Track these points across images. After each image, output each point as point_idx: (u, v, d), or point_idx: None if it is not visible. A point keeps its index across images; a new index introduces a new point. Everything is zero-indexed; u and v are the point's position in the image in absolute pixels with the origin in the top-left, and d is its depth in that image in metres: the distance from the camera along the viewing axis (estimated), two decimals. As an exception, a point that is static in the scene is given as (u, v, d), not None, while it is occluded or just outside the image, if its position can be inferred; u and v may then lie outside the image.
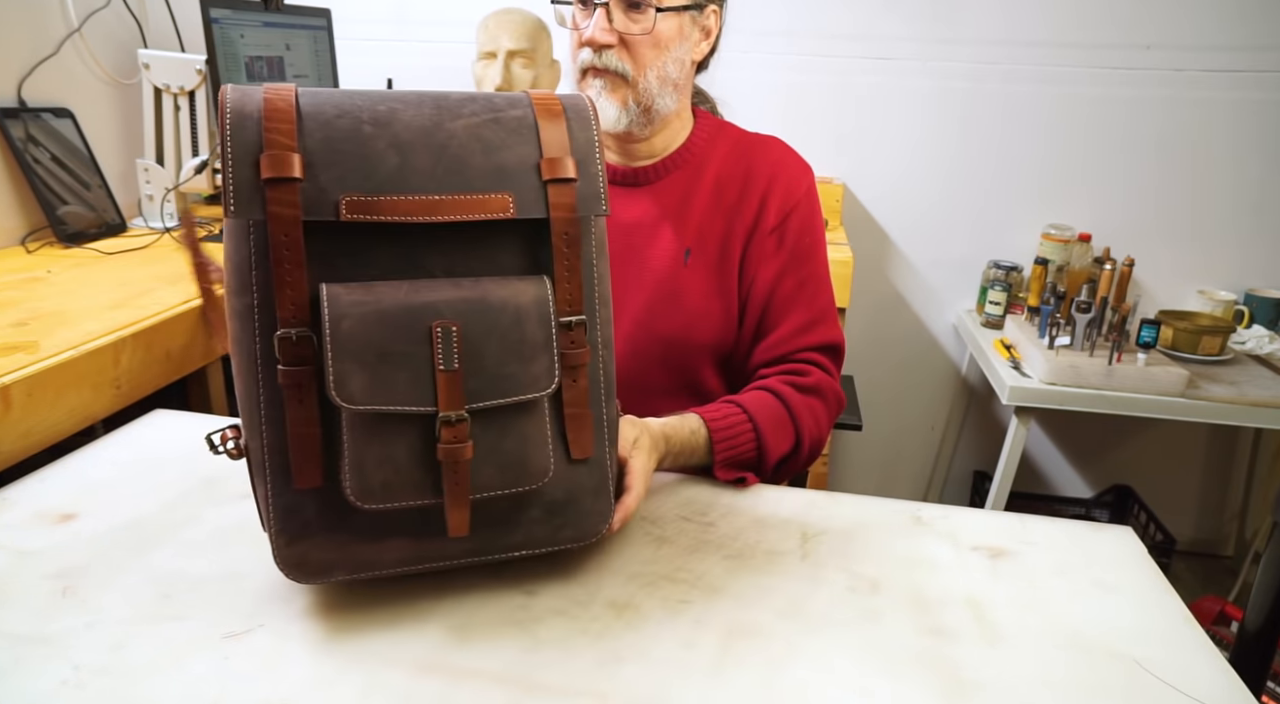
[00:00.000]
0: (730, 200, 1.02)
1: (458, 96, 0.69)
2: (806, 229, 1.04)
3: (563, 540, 0.72)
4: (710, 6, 0.99)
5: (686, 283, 1.01)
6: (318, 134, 0.63)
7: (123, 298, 1.29)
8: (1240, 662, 1.21)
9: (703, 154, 1.04)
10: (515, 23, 1.76)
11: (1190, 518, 2.39)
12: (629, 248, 1.03)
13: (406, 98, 0.68)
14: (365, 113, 0.65)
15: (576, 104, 0.72)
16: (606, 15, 0.94)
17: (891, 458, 2.48)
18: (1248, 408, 1.76)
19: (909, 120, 2.20)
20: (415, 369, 0.62)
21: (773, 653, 0.65)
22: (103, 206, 1.71)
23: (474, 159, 0.66)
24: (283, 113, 0.63)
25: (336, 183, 0.63)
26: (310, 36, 1.94)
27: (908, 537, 0.83)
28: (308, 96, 0.65)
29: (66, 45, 1.73)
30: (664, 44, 0.96)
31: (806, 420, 0.97)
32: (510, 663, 0.63)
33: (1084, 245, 2.13)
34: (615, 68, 0.95)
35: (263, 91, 0.64)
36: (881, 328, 2.36)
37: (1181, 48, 2.05)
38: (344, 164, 0.63)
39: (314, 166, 0.63)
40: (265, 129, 0.62)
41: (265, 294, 0.62)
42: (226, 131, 0.62)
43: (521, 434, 0.67)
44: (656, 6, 0.94)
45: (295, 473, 0.63)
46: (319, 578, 0.65)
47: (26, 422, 0.99)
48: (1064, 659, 0.67)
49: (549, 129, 0.69)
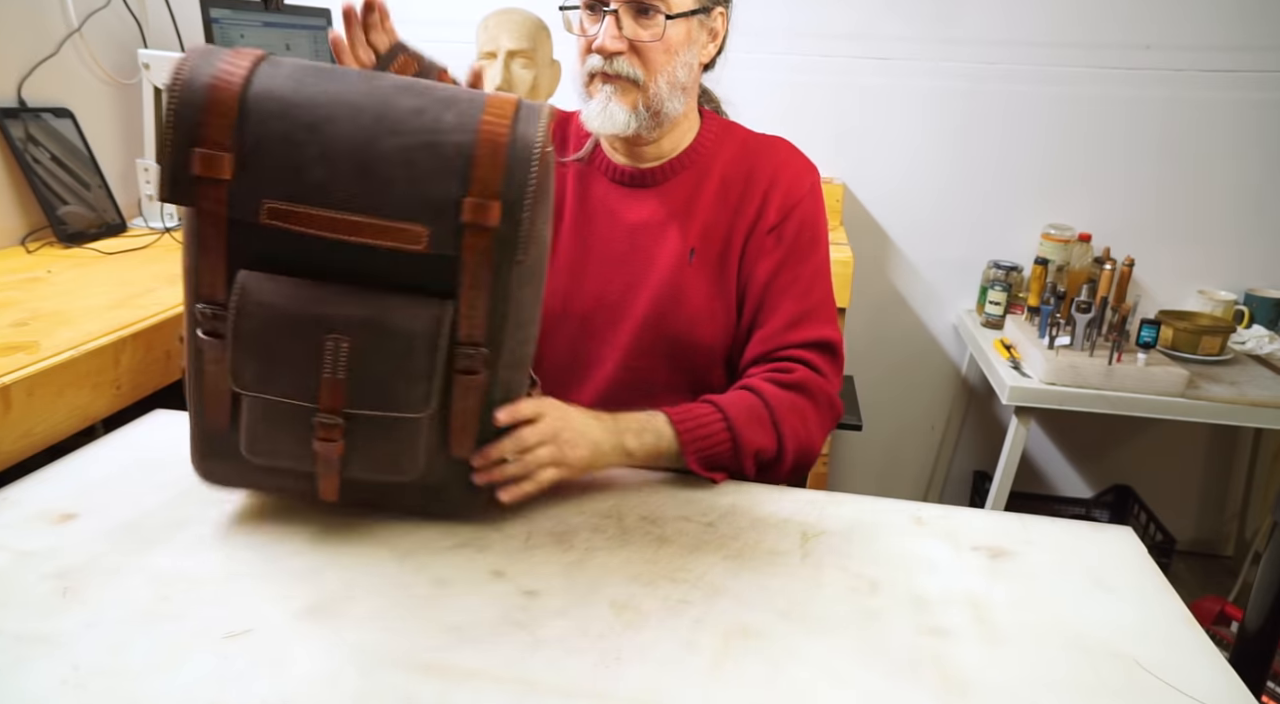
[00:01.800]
0: (733, 200, 1.02)
1: (408, 105, 0.67)
2: (806, 226, 1.03)
3: (432, 514, 0.79)
4: (717, 9, 0.99)
5: (691, 283, 1.01)
6: (253, 132, 0.65)
7: (123, 298, 1.29)
8: (1240, 662, 1.21)
9: (709, 155, 1.04)
10: (515, 23, 1.76)
11: (1190, 518, 2.39)
12: (635, 248, 1.03)
13: (354, 96, 0.67)
14: (305, 114, 0.65)
15: (526, 139, 0.68)
16: (616, 22, 0.93)
17: (891, 458, 2.48)
18: (1248, 408, 1.76)
19: (909, 120, 2.20)
20: (303, 369, 0.68)
21: (773, 653, 0.65)
22: (103, 206, 1.71)
23: (398, 185, 0.66)
24: (225, 106, 0.64)
25: (262, 186, 0.66)
26: (310, 36, 1.94)
27: (908, 537, 0.83)
28: (262, 77, 0.66)
29: (66, 45, 1.73)
30: (673, 49, 0.96)
31: (788, 418, 0.94)
32: (510, 663, 0.63)
33: (1084, 245, 2.13)
34: (626, 73, 0.95)
35: (215, 70, 0.65)
36: (881, 328, 2.36)
37: (1181, 48, 2.05)
38: (272, 168, 0.65)
39: (244, 167, 0.65)
40: (203, 122, 0.64)
41: (195, 263, 0.69)
42: (172, 109, 0.64)
43: (396, 440, 0.72)
44: (666, 13, 0.93)
45: (208, 415, 0.74)
46: (223, 486, 0.80)
47: (26, 422, 0.99)
48: (1064, 659, 0.67)
49: (484, 166, 0.67)
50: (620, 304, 1.03)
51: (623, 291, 1.03)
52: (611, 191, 1.05)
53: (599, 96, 0.97)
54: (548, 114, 0.70)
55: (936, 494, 2.46)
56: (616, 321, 1.03)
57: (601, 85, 0.96)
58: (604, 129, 0.97)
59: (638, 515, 0.84)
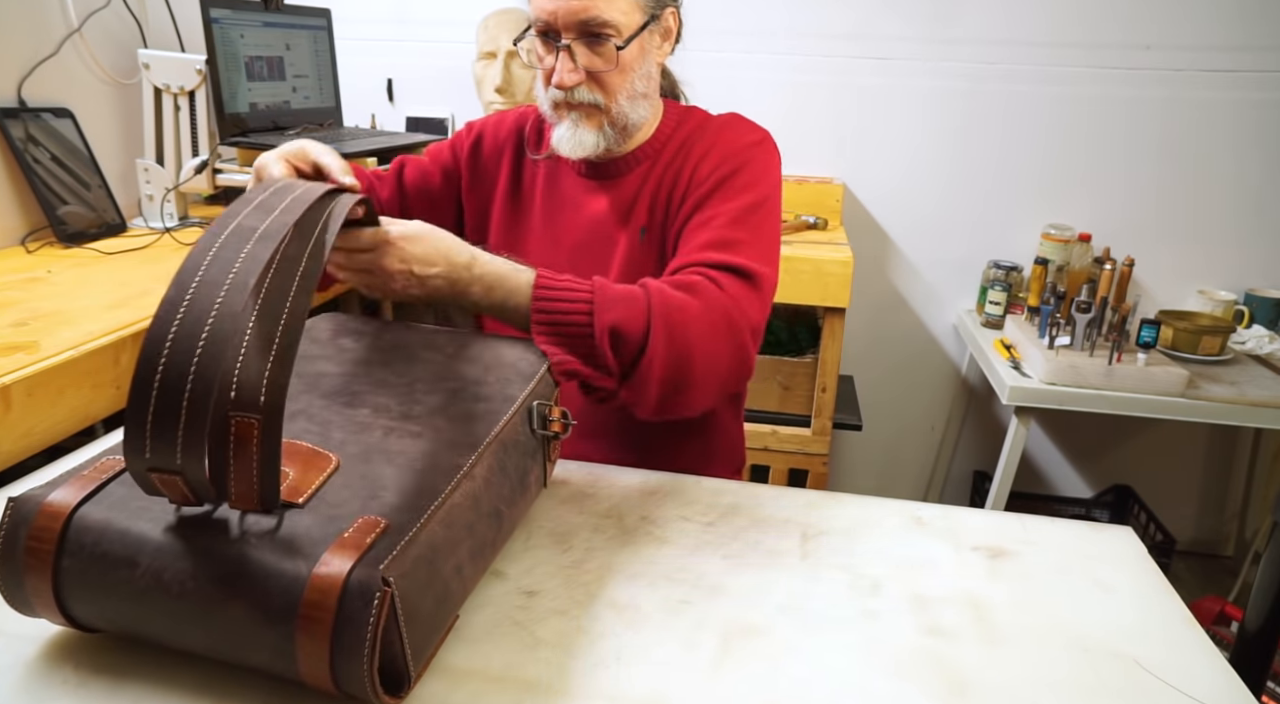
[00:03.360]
0: (674, 170, 1.03)
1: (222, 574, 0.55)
2: (738, 174, 0.98)
3: None
4: (667, 10, 0.99)
5: (642, 261, 1.03)
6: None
7: (123, 298, 1.29)
8: (1240, 662, 1.21)
9: (666, 141, 1.05)
10: (515, 23, 1.76)
11: (1190, 518, 2.39)
12: (596, 237, 1.04)
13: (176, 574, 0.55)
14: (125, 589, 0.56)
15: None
16: (570, 56, 0.94)
17: (891, 458, 2.48)
18: (1248, 408, 1.76)
19: (909, 120, 2.20)
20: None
21: (773, 653, 0.65)
22: (103, 206, 1.71)
23: None
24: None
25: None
26: (310, 36, 1.94)
27: (908, 537, 0.83)
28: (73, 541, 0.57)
29: (66, 45, 1.73)
30: (629, 67, 0.96)
31: (662, 308, 0.83)
32: (510, 663, 0.63)
33: (1084, 245, 2.13)
34: (587, 101, 0.96)
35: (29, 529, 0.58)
36: (881, 328, 2.36)
37: (1181, 48, 2.05)
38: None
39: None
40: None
41: None
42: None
43: None
44: (618, 44, 0.93)
45: None
46: None
47: (26, 422, 0.99)
48: (1064, 659, 0.67)
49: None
50: None
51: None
52: (576, 184, 1.07)
53: (566, 122, 0.98)
54: None
55: (936, 494, 2.46)
56: None
57: (566, 113, 0.98)
58: (575, 154, 0.99)
59: (638, 515, 0.84)
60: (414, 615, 0.56)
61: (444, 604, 0.61)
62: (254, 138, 1.69)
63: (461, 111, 2.30)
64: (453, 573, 0.62)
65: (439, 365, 0.79)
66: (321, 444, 0.65)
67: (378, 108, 2.32)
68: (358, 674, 0.53)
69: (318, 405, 0.71)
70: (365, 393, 0.73)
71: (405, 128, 2.32)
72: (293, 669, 0.54)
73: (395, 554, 0.55)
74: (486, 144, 1.12)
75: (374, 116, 2.26)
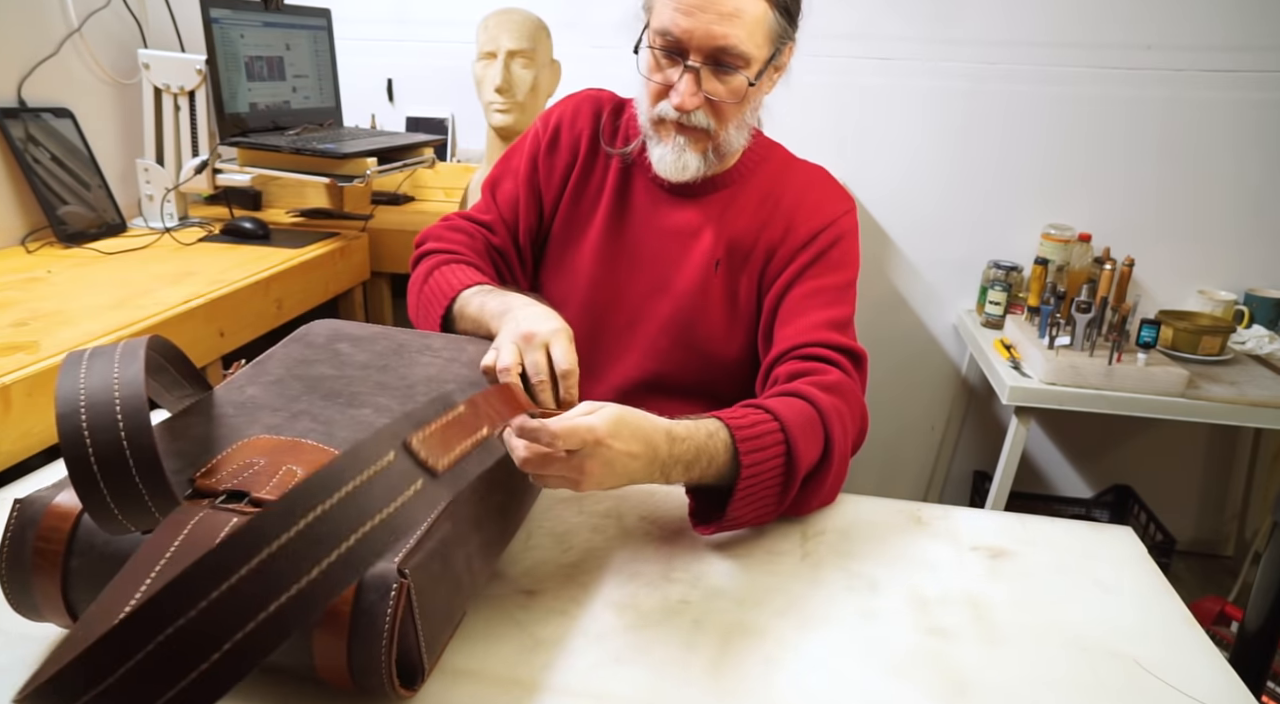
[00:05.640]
0: (763, 216, 1.02)
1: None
2: (837, 246, 1.00)
3: None
4: (788, 44, 0.97)
5: (713, 293, 1.01)
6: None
7: (123, 298, 1.29)
8: (1240, 662, 1.21)
9: (750, 172, 1.04)
10: (515, 23, 1.76)
11: (1190, 518, 2.39)
12: (664, 252, 1.03)
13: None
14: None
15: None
16: (695, 80, 0.91)
17: (891, 458, 2.48)
18: (1248, 408, 1.76)
19: (909, 120, 2.20)
20: None
21: (773, 653, 0.65)
22: (103, 206, 1.71)
23: None
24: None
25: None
26: (310, 36, 1.94)
27: (908, 537, 0.83)
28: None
29: (66, 45, 1.73)
30: (748, 99, 0.95)
31: (835, 425, 0.82)
32: (510, 663, 0.63)
33: (1084, 245, 2.13)
34: (701, 125, 0.94)
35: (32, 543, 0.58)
36: (881, 328, 2.36)
37: (1181, 48, 2.05)
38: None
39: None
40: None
41: None
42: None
43: None
44: (749, 79, 0.91)
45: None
46: None
47: (26, 421, 0.99)
48: (1064, 659, 0.67)
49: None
50: (642, 305, 1.03)
51: (646, 293, 1.03)
52: (651, 193, 1.04)
53: (671, 144, 0.96)
54: None
55: (936, 494, 2.46)
56: (635, 322, 1.04)
57: (675, 135, 0.96)
58: (676, 176, 0.97)
59: (638, 515, 0.84)
60: (428, 608, 0.57)
61: (455, 597, 0.62)
62: (254, 138, 1.69)
63: (461, 112, 2.30)
64: (463, 567, 0.63)
65: (437, 368, 0.79)
66: (326, 443, 0.65)
67: (378, 108, 2.32)
68: (375, 667, 0.53)
69: (320, 406, 0.71)
70: (366, 394, 0.73)
71: (405, 128, 2.32)
72: (308, 664, 0.55)
73: (409, 547, 0.56)
74: (564, 138, 1.07)
75: (374, 116, 2.26)
